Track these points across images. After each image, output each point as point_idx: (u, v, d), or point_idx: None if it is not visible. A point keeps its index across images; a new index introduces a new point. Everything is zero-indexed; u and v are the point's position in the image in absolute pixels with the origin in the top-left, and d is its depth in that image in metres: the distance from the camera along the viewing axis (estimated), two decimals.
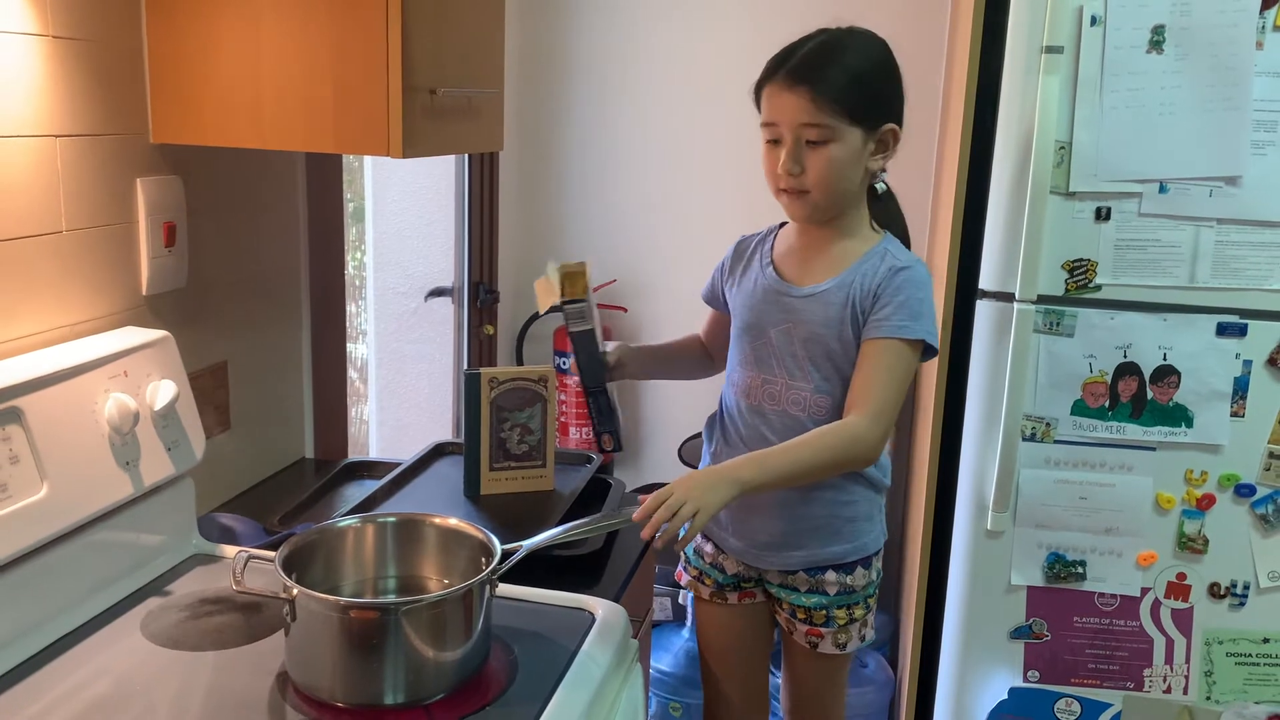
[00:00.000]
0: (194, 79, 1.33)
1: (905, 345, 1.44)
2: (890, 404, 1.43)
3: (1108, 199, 1.91)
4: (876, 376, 1.43)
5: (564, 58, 2.83)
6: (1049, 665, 2.10)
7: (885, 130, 1.46)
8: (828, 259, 1.51)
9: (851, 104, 1.41)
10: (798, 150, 1.42)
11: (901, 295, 1.44)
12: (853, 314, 1.46)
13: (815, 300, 1.48)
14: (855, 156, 1.44)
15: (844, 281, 1.47)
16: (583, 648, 1.19)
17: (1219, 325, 1.94)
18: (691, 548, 1.70)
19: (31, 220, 1.21)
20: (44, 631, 1.14)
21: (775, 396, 1.51)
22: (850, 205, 1.50)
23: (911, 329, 1.43)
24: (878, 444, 1.42)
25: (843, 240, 1.51)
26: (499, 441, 1.63)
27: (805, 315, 1.48)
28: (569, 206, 2.90)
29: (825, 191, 1.44)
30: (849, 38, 1.45)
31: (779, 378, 1.51)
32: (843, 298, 1.46)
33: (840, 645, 1.60)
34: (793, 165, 1.43)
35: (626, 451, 3.00)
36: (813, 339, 1.48)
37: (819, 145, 1.42)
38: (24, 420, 1.10)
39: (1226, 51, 1.83)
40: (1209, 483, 2.00)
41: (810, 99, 1.40)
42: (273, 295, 1.72)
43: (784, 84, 1.42)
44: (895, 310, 1.43)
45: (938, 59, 2.58)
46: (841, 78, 1.41)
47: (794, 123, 1.42)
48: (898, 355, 1.43)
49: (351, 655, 1.05)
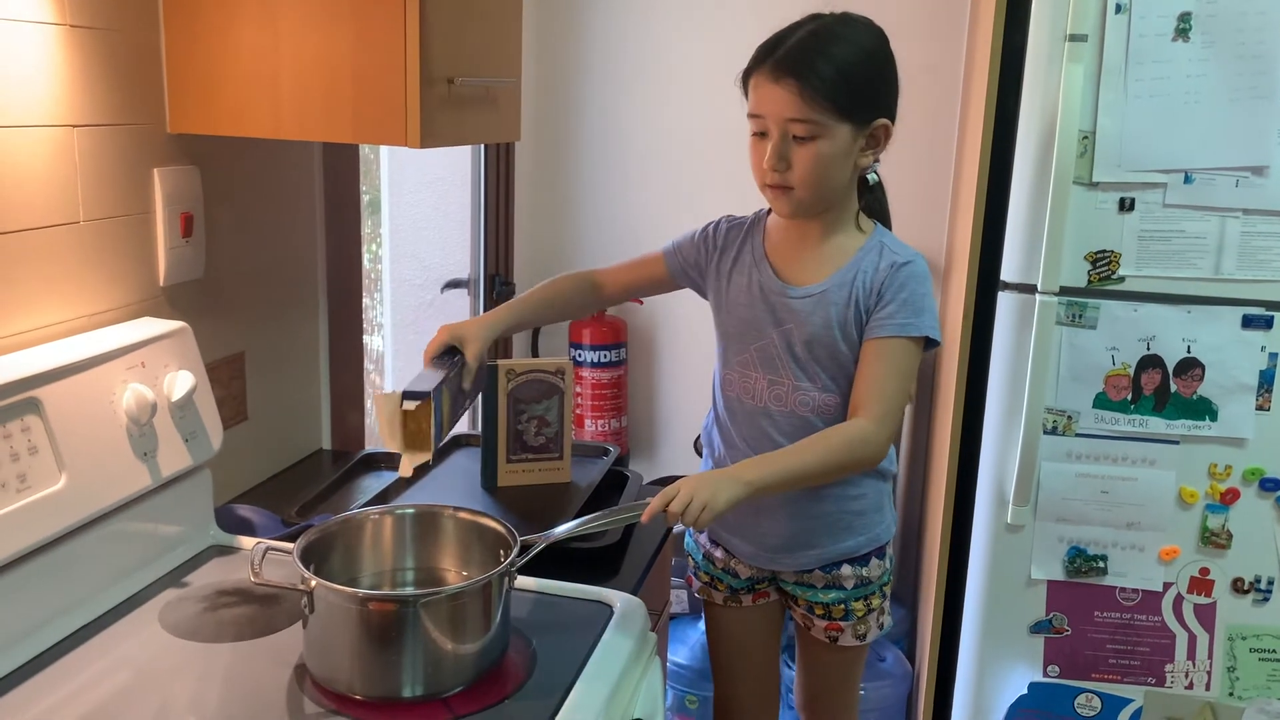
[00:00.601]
0: (211, 69, 1.32)
1: (910, 342, 1.41)
2: (897, 404, 1.41)
3: (1132, 189, 1.89)
4: (883, 376, 1.40)
5: (580, 48, 2.82)
6: (1069, 660, 2.08)
7: (876, 126, 1.40)
8: (821, 256, 1.46)
9: (841, 99, 1.34)
10: (784, 146, 1.37)
11: (905, 292, 1.41)
12: (855, 312, 1.43)
13: (815, 301, 1.44)
14: (844, 152, 1.38)
15: (843, 279, 1.43)
16: (602, 640, 1.18)
17: (1244, 317, 1.91)
18: (701, 553, 1.67)
19: (49, 211, 1.20)
20: (63, 622, 1.14)
21: (782, 398, 1.48)
22: (839, 200, 1.45)
23: (916, 326, 1.40)
24: (885, 444, 1.41)
25: (834, 235, 1.46)
26: (516, 434, 1.63)
27: (805, 317, 1.45)
28: (584, 197, 2.89)
29: (811, 189, 1.39)
30: (841, 26, 1.38)
31: (785, 379, 1.47)
32: (844, 296, 1.43)
33: (860, 636, 1.59)
34: (778, 162, 1.38)
35: (643, 444, 3.00)
36: (814, 341, 1.44)
37: (806, 141, 1.36)
38: (42, 411, 1.10)
39: (1254, 39, 1.80)
40: (1233, 477, 1.97)
41: (797, 93, 1.34)
42: (289, 286, 1.71)
43: (771, 75, 1.36)
44: (899, 308, 1.41)
45: (958, 47, 2.55)
46: (831, 71, 1.34)
47: (780, 117, 1.36)
48: (903, 353, 1.41)
49: (370, 647, 1.05)
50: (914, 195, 2.62)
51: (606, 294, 1.63)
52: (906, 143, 2.61)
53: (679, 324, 2.86)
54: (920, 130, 2.60)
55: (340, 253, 1.83)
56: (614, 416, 2.84)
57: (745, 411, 1.51)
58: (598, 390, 2.80)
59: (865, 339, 1.43)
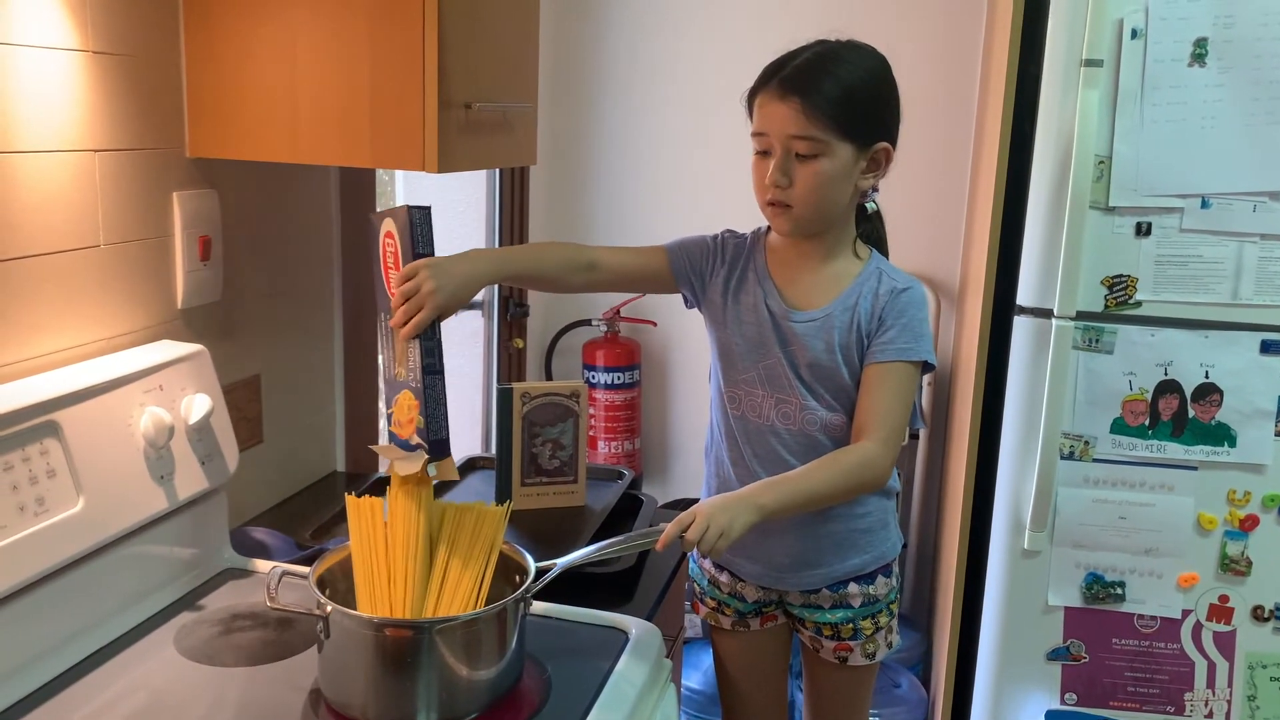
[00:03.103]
0: (230, 94, 1.33)
1: (910, 366, 1.44)
2: (899, 427, 1.43)
3: (1148, 214, 1.89)
4: (886, 401, 1.42)
5: (595, 72, 2.84)
6: (1087, 688, 2.06)
7: (878, 149, 1.42)
8: (822, 280, 1.48)
9: (843, 118, 1.37)
10: (786, 162, 1.39)
11: (905, 318, 1.43)
12: (857, 337, 1.45)
13: (818, 325, 1.46)
14: (844, 172, 1.40)
15: (845, 305, 1.45)
16: (617, 667, 1.17)
17: (1263, 343, 1.90)
18: (706, 579, 1.66)
19: (70, 234, 1.21)
20: (79, 645, 1.14)
21: (790, 416, 1.49)
22: (838, 222, 1.46)
23: (915, 350, 1.43)
24: (889, 468, 1.43)
25: (833, 260, 1.48)
26: (530, 457, 1.63)
27: (808, 341, 1.46)
28: (598, 220, 2.90)
29: (810, 206, 1.41)
30: (846, 51, 1.41)
31: (792, 398, 1.48)
32: (846, 321, 1.45)
33: (869, 655, 1.58)
34: (780, 177, 1.39)
35: (656, 466, 2.99)
36: (816, 364, 1.46)
37: (808, 159, 1.38)
38: (61, 434, 1.11)
39: (1270, 65, 1.80)
40: (1252, 503, 1.95)
41: (801, 110, 1.36)
42: (305, 309, 1.72)
43: (775, 94, 1.38)
44: (900, 333, 1.43)
45: (973, 71, 2.56)
46: (835, 91, 1.36)
47: (783, 134, 1.38)
48: (904, 377, 1.43)
49: (385, 673, 1.05)
50: (930, 219, 2.63)
51: (599, 274, 1.51)
52: (922, 167, 2.64)
53: (691, 345, 2.86)
54: (936, 154, 2.60)
55: (355, 275, 1.83)
56: (627, 438, 2.84)
57: (753, 429, 1.51)
58: (611, 412, 2.80)
59: (866, 363, 1.45)
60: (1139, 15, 1.82)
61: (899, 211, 1.67)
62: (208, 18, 1.32)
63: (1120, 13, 1.83)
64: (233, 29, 1.31)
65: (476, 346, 2.74)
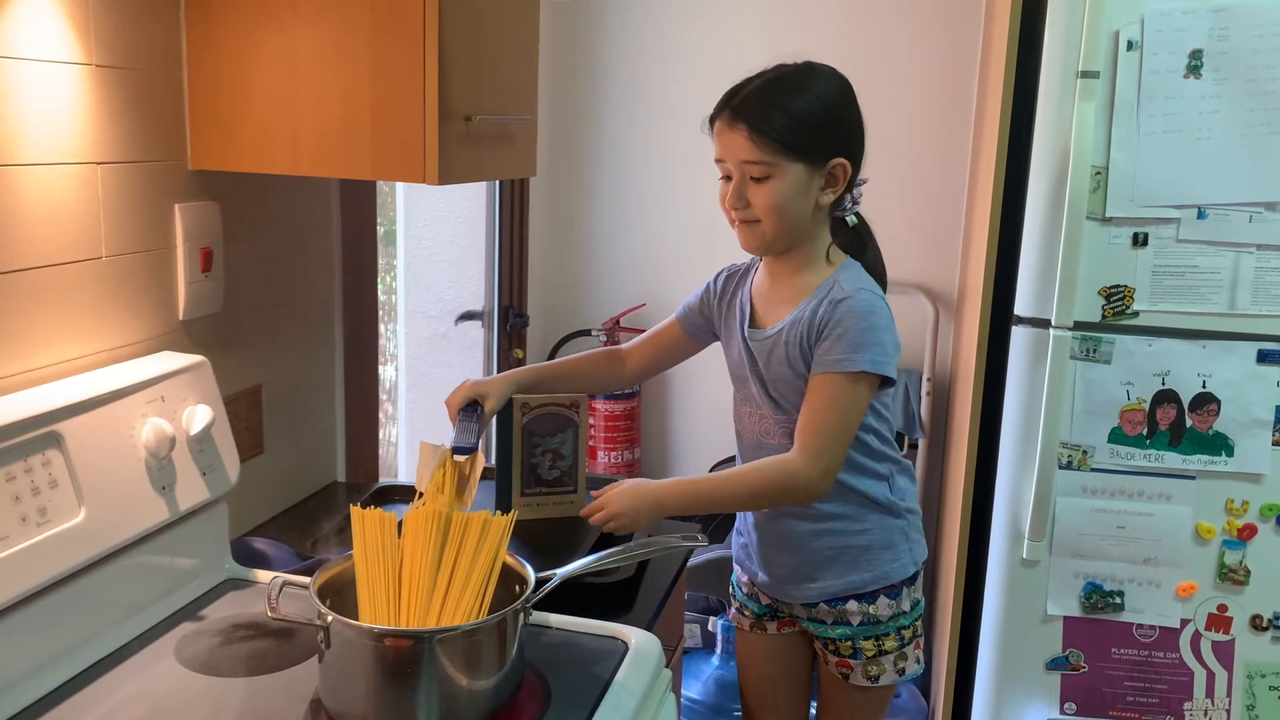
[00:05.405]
0: (232, 106, 1.34)
1: (846, 378, 1.42)
2: (831, 440, 1.42)
3: (1145, 224, 1.90)
4: (819, 412, 1.43)
5: (594, 83, 2.85)
6: (1086, 697, 2.06)
7: (834, 165, 1.45)
8: (786, 296, 1.51)
9: (790, 140, 1.41)
10: (742, 185, 1.45)
11: (840, 328, 1.43)
12: (802, 350, 1.46)
13: (771, 342, 1.49)
14: (799, 190, 1.44)
15: (796, 319, 1.47)
16: (616, 677, 1.17)
17: (1260, 352, 1.91)
18: (735, 579, 1.72)
19: (72, 246, 1.22)
20: (80, 656, 1.14)
21: (769, 431, 1.54)
22: (806, 238, 1.49)
23: (852, 361, 1.41)
24: (818, 480, 1.42)
25: (801, 273, 1.51)
26: (530, 467, 1.63)
27: (771, 358, 1.50)
28: (598, 231, 2.91)
29: (773, 224, 1.45)
30: (798, 75, 1.46)
31: (766, 414, 1.53)
32: (796, 336, 1.47)
33: (872, 678, 1.57)
34: (736, 200, 1.46)
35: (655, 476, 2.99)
36: (780, 380, 1.49)
37: (761, 181, 1.44)
38: (63, 445, 1.11)
39: (1266, 76, 1.81)
40: (1250, 513, 1.96)
41: (748, 137, 1.42)
42: (306, 319, 1.72)
43: (727, 122, 1.45)
44: (834, 344, 1.43)
45: (971, 83, 2.57)
46: (780, 116, 1.41)
47: (737, 159, 1.45)
48: (840, 390, 1.42)
49: (385, 683, 1.05)
50: (928, 229, 2.64)
51: (629, 368, 1.71)
52: (920, 178, 2.65)
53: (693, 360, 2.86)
54: (934, 165, 2.61)
55: (356, 285, 1.84)
56: (627, 448, 2.84)
57: (746, 444, 1.60)
58: (611, 422, 2.81)
59: (810, 374, 1.46)
60: (1135, 27, 1.83)
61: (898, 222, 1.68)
62: (210, 31, 1.33)
63: (1116, 24, 1.84)
64: (234, 42, 1.32)
65: (476, 356, 2.74)
